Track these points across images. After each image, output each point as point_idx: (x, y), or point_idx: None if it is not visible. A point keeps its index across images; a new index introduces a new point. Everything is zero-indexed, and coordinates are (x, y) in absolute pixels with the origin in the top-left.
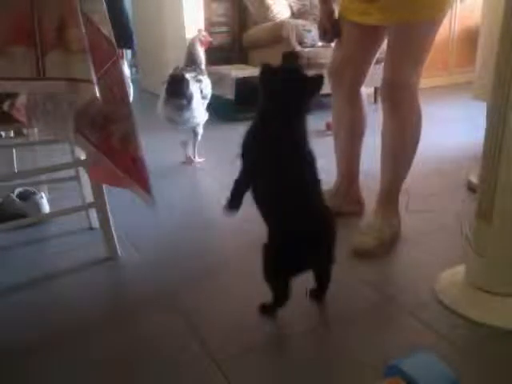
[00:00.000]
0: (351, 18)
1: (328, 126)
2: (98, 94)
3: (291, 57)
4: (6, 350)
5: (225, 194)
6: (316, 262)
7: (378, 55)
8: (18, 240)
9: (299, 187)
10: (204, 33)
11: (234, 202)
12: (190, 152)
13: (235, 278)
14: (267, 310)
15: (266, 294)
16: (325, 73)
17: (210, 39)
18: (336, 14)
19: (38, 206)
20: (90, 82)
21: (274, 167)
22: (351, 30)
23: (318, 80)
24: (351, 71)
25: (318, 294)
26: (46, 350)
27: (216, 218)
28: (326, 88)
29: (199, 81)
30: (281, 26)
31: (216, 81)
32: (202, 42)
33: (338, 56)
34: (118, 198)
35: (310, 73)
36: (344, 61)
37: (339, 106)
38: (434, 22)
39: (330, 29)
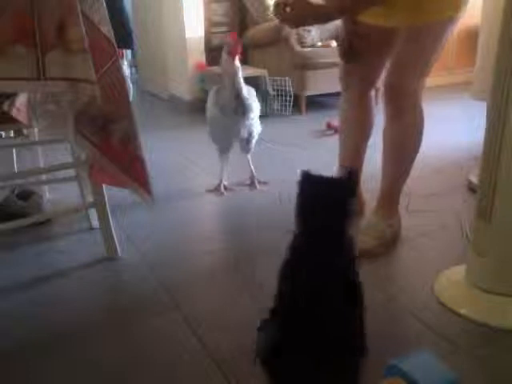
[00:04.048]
0: (365, 20)
1: (328, 126)
2: (98, 94)
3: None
4: (5, 350)
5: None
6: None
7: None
8: (18, 240)
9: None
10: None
11: None
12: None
13: (235, 278)
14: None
15: (267, 295)
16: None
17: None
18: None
19: (38, 206)
20: (90, 81)
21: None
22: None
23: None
24: (363, 74)
25: None
26: (46, 350)
27: (216, 217)
28: (327, 88)
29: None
30: (281, 26)
31: (216, 81)
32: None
33: None
34: (118, 198)
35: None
36: (356, 64)
37: (349, 108)
38: (444, 26)
39: (352, 49)
